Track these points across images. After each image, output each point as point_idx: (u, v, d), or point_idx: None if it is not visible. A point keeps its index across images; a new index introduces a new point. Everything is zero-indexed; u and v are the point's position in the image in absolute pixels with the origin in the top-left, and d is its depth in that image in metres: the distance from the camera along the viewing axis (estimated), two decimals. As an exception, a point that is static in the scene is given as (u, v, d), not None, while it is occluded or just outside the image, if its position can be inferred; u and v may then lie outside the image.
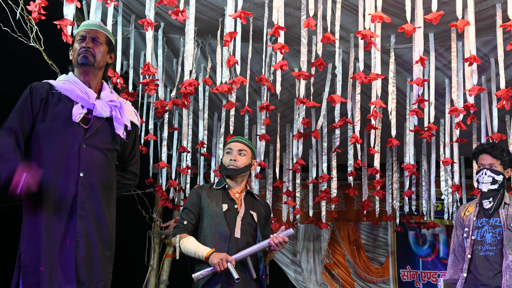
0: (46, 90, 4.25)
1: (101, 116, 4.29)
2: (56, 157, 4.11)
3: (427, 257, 9.97)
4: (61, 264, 3.95)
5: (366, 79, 6.08)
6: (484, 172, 5.65)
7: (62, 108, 4.22)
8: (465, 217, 5.80)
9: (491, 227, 5.62)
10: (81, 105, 4.24)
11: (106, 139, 4.31)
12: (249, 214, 5.52)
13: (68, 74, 4.40)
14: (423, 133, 6.74)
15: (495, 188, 5.64)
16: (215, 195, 5.51)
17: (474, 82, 6.09)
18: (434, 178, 8.19)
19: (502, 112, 7.39)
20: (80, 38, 4.36)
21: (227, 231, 5.34)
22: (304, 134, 7.28)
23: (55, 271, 3.92)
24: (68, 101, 4.24)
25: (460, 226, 5.85)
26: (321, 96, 7.38)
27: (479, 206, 5.77)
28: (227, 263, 5.14)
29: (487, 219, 5.65)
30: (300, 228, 10.16)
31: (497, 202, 5.66)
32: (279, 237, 5.31)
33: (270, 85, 6.34)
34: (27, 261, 3.96)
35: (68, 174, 4.11)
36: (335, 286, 10.20)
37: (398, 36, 6.77)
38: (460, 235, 5.81)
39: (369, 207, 8.65)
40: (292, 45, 6.79)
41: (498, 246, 5.56)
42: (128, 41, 6.92)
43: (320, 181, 7.88)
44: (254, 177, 8.05)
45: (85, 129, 4.22)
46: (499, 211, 5.63)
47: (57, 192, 4.06)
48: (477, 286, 5.57)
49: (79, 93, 4.26)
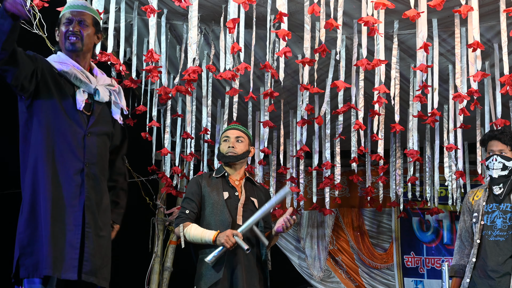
0: (50, 66, 4.15)
1: (102, 101, 4.25)
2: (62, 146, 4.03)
3: (431, 243, 9.96)
4: (67, 252, 3.91)
5: (369, 65, 6.08)
6: (495, 158, 5.65)
7: (65, 92, 4.12)
8: (474, 202, 5.80)
9: (502, 213, 5.61)
10: (82, 90, 4.17)
11: (106, 125, 4.26)
12: (250, 201, 5.55)
13: (59, 55, 4.25)
14: (427, 119, 6.74)
15: (506, 174, 5.64)
16: (215, 184, 5.53)
17: (478, 67, 6.09)
18: (438, 164, 8.18)
19: (506, 98, 7.39)
20: (66, 21, 4.23)
21: (229, 219, 5.36)
22: (308, 121, 7.28)
23: (60, 258, 3.88)
24: (68, 84, 4.15)
25: (468, 211, 5.84)
26: (324, 83, 7.38)
27: (488, 191, 5.77)
28: (234, 238, 5.15)
29: (498, 205, 5.64)
30: (304, 214, 10.16)
31: (508, 187, 5.66)
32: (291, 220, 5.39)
33: (274, 71, 6.34)
34: (25, 242, 3.92)
35: (74, 163, 4.04)
36: (339, 273, 10.21)
37: (402, 22, 6.75)
38: (468, 220, 5.81)
39: (373, 193, 8.65)
40: (295, 32, 6.78)
41: (509, 231, 5.56)
42: (131, 28, 6.91)
43: (323, 168, 7.88)
44: (258, 164, 8.06)
45: (87, 116, 4.15)
46: (510, 197, 5.63)
47: (63, 181, 4.00)
48: (486, 272, 5.56)
49: (81, 77, 4.17)
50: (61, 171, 4.01)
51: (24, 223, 3.95)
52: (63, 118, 4.06)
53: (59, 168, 4.01)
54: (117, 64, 6.47)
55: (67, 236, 3.94)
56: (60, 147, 4.03)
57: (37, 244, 3.89)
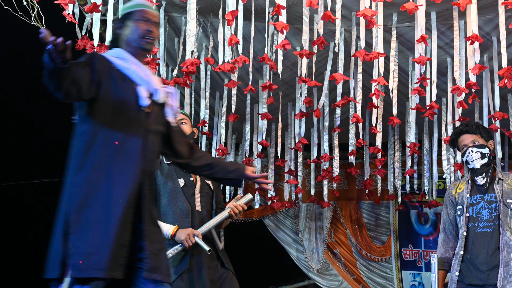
0: (108, 63, 4.01)
1: (159, 101, 4.15)
2: (123, 143, 3.92)
3: (429, 236, 9.98)
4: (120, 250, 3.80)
5: (367, 56, 6.09)
6: (470, 150, 5.61)
7: (126, 89, 4.01)
8: (457, 194, 5.77)
9: (487, 203, 5.60)
10: (144, 88, 4.05)
11: (161, 124, 4.18)
12: (206, 184, 5.50)
13: (118, 51, 4.10)
14: (425, 112, 6.74)
15: (486, 162, 5.60)
16: (169, 172, 5.42)
17: (476, 60, 6.10)
18: (436, 157, 8.19)
19: (504, 91, 7.39)
20: (144, 19, 4.09)
21: (188, 206, 5.31)
22: (306, 113, 7.28)
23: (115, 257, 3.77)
24: (130, 82, 4.02)
25: (451, 204, 5.82)
26: (322, 75, 7.38)
27: (471, 182, 5.75)
28: (194, 237, 5.14)
29: (482, 195, 5.63)
30: (302, 207, 10.18)
31: (490, 176, 5.65)
32: (238, 206, 5.31)
33: (273, 64, 6.34)
34: (79, 241, 3.75)
35: (133, 161, 3.95)
36: (337, 265, 10.23)
37: (400, 15, 6.75)
38: (452, 213, 5.79)
39: (371, 186, 8.67)
40: (293, 24, 6.78)
41: (495, 222, 5.54)
42: (129, 20, 6.90)
43: (321, 161, 7.89)
44: (256, 156, 8.06)
45: (147, 114, 4.06)
46: (494, 187, 5.61)
47: (124, 178, 3.89)
48: (474, 264, 5.55)
49: (143, 75, 4.06)
50: (122, 169, 3.90)
51: (76, 221, 3.80)
52: (125, 115, 3.97)
53: (121, 166, 3.90)
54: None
55: (122, 234, 3.83)
56: (121, 144, 3.93)
57: (94, 243, 3.77)
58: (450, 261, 5.76)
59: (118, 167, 3.89)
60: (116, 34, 4.14)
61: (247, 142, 8.20)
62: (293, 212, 10.18)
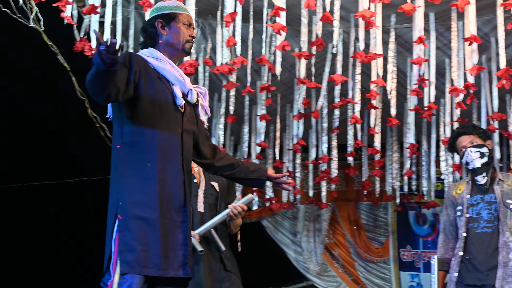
0: (145, 62, 4.00)
1: (192, 102, 4.16)
2: (164, 143, 3.94)
3: (427, 237, 9.98)
4: (177, 249, 3.87)
5: (366, 58, 6.09)
6: (469, 151, 5.63)
7: (163, 88, 4.01)
8: (457, 195, 5.78)
9: (487, 204, 5.60)
10: (179, 88, 4.06)
11: (193, 124, 4.18)
12: (211, 185, 5.49)
13: (153, 52, 4.09)
14: (423, 113, 6.75)
15: (486, 161, 5.61)
16: None
17: (475, 61, 6.10)
18: (435, 158, 8.19)
19: (502, 92, 7.39)
20: (187, 23, 4.12)
21: None
22: (305, 115, 7.29)
23: (171, 256, 3.83)
24: (166, 81, 4.03)
25: (451, 205, 5.82)
26: (321, 77, 7.38)
27: (471, 183, 5.75)
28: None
29: (482, 196, 5.64)
30: (301, 208, 10.16)
31: (490, 176, 5.66)
32: (237, 207, 5.30)
33: (271, 65, 6.34)
34: (128, 237, 3.78)
35: (177, 161, 3.98)
36: (336, 266, 10.22)
37: (399, 16, 6.77)
38: (452, 214, 5.79)
39: (369, 187, 8.67)
40: (292, 25, 6.79)
41: (495, 222, 5.54)
42: (128, 22, 6.91)
43: (320, 162, 7.89)
44: (254, 158, 8.06)
45: (182, 113, 4.07)
46: (494, 187, 5.62)
47: (169, 178, 3.93)
48: (473, 264, 5.56)
49: (178, 76, 4.07)
50: (167, 169, 3.92)
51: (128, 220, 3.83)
52: (165, 114, 3.98)
53: (165, 166, 3.92)
54: (114, 58, 6.46)
55: (175, 234, 3.89)
56: (165, 144, 3.95)
57: (145, 241, 3.79)
58: (449, 262, 5.76)
59: (164, 167, 3.91)
60: (153, 34, 4.11)
61: (246, 143, 8.19)
62: (291, 213, 10.17)
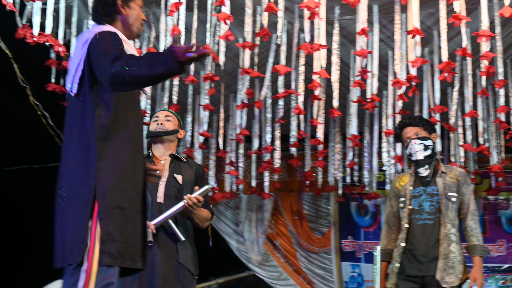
0: None
1: None
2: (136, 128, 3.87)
3: (368, 228, 10.05)
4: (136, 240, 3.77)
5: (312, 49, 6.10)
6: (414, 142, 5.69)
7: None
8: (401, 187, 5.84)
9: (429, 196, 5.67)
10: None
11: None
12: (173, 178, 5.48)
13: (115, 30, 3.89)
14: (366, 104, 6.79)
15: (429, 154, 5.68)
16: None
17: (417, 54, 6.15)
18: (377, 149, 8.26)
19: (444, 85, 7.47)
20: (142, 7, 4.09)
21: (148, 198, 5.23)
22: (248, 105, 7.28)
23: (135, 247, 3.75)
24: None
25: (394, 197, 5.88)
26: (265, 67, 7.37)
27: (414, 175, 5.82)
28: None
29: (424, 188, 5.70)
30: (243, 198, 10.16)
31: (433, 169, 5.72)
32: (192, 198, 5.29)
33: (215, 55, 6.31)
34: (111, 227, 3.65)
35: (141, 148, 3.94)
36: (277, 256, 10.24)
37: (343, 8, 6.78)
38: (395, 205, 5.85)
39: (312, 177, 8.69)
40: (236, 15, 6.76)
41: (437, 214, 5.61)
42: (71, 9, 6.82)
43: (263, 152, 7.89)
44: (197, 147, 8.04)
45: None
46: (436, 180, 5.68)
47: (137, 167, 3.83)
48: (414, 256, 5.62)
49: None
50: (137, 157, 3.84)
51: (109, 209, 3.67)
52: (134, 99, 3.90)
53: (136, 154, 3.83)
54: (56, 46, 6.39)
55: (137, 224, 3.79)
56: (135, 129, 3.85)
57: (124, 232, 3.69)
58: (392, 253, 5.81)
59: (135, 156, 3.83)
60: (112, 11, 3.98)
61: (189, 133, 8.16)
62: (233, 203, 10.16)
